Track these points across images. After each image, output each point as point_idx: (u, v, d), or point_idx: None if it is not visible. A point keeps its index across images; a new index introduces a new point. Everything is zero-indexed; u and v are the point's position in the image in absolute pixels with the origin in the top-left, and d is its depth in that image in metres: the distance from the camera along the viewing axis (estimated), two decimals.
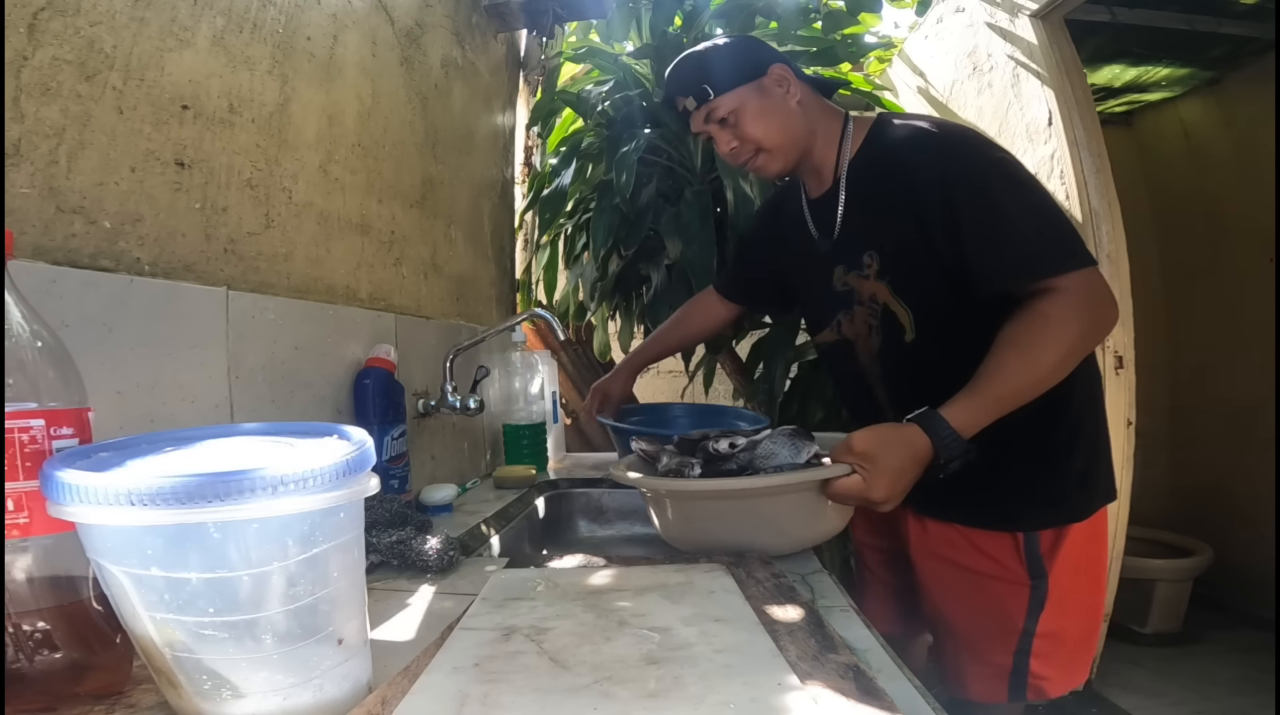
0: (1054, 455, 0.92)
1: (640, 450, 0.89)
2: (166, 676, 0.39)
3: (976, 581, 0.95)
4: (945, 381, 0.85)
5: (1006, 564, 0.93)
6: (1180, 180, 2.68)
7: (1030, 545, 0.92)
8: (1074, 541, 0.92)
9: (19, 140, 0.55)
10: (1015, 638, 0.92)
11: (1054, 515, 0.92)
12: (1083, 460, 0.94)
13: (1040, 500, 0.92)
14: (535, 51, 1.94)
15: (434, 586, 0.71)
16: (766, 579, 0.64)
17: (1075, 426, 0.93)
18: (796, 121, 0.95)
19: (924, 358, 0.93)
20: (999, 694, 0.94)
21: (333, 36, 0.98)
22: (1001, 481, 0.92)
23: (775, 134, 0.95)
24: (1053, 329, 0.80)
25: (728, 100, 0.94)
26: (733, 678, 0.43)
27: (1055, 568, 0.92)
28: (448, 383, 1.16)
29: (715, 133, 0.98)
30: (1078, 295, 0.81)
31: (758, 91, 0.94)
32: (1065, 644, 0.94)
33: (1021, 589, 0.92)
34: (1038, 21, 1.83)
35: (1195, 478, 2.68)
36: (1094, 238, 1.73)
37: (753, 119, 0.94)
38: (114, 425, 0.61)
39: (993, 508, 0.93)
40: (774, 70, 0.95)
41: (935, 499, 0.94)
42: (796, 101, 0.95)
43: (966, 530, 0.95)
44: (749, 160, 0.98)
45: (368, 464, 0.43)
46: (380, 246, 1.11)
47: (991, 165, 0.86)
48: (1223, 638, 2.28)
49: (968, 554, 0.95)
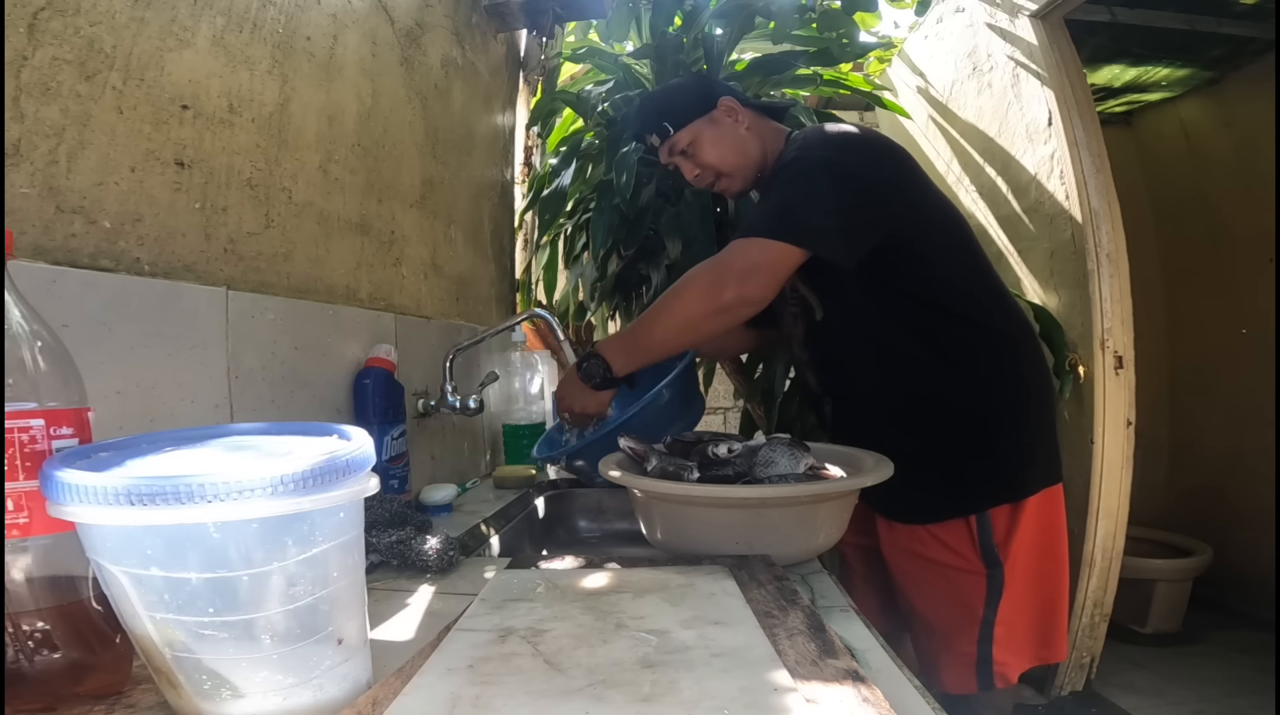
0: (994, 435, 1.00)
1: (628, 449, 0.88)
2: (166, 676, 0.39)
3: (940, 572, 1.01)
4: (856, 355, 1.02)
5: (963, 553, 0.99)
6: (1180, 180, 2.68)
7: (984, 533, 0.98)
8: (1027, 529, 0.98)
9: (19, 140, 0.55)
10: (977, 626, 0.98)
11: (998, 491, 0.99)
12: (1024, 440, 1.01)
13: (984, 476, 0.99)
14: (535, 51, 1.94)
15: (433, 586, 0.71)
16: (769, 581, 0.64)
17: (1015, 409, 1.01)
18: (748, 144, 1.07)
19: (834, 333, 1.04)
20: (969, 684, 0.99)
21: (333, 36, 0.98)
22: (950, 467, 0.99)
23: (730, 158, 1.07)
24: (685, 286, 0.93)
25: (684, 134, 1.07)
26: (729, 682, 0.43)
27: (1010, 556, 0.98)
28: (448, 383, 1.16)
29: (680, 163, 1.10)
30: (722, 259, 0.92)
31: (710, 123, 1.07)
32: (1023, 630, 1.00)
33: (979, 578, 0.98)
34: (1038, 21, 1.83)
35: (1195, 478, 2.68)
36: (1094, 238, 1.73)
37: (708, 147, 1.06)
38: (114, 425, 0.61)
39: (944, 495, 1.00)
40: (722, 103, 1.07)
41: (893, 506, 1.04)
42: (745, 127, 1.07)
43: (928, 525, 1.01)
44: (712, 183, 1.10)
45: (368, 464, 0.43)
46: (380, 246, 1.11)
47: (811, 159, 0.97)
48: (1223, 638, 2.28)
49: (930, 546, 1.01)
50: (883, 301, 0.99)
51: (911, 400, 1.00)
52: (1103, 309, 1.73)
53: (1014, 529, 0.98)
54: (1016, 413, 1.01)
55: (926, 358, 0.99)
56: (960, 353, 0.99)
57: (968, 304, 1.00)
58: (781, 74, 1.64)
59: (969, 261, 1.03)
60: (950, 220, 1.04)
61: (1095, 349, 1.74)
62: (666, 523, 0.80)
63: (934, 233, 1.01)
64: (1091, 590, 1.79)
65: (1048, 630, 1.02)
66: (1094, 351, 1.74)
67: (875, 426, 1.02)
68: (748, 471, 0.81)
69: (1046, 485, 1.01)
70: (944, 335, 0.99)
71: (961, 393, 0.99)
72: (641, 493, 0.80)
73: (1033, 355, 1.06)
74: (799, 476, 0.78)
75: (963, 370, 0.99)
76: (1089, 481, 1.75)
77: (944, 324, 0.99)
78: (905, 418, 1.01)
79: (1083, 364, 1.78)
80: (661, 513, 0.80)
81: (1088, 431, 1.75)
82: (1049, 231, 1.88)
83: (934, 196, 1.04)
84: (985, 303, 1.02)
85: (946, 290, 0.99)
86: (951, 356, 0.99)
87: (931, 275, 0.99)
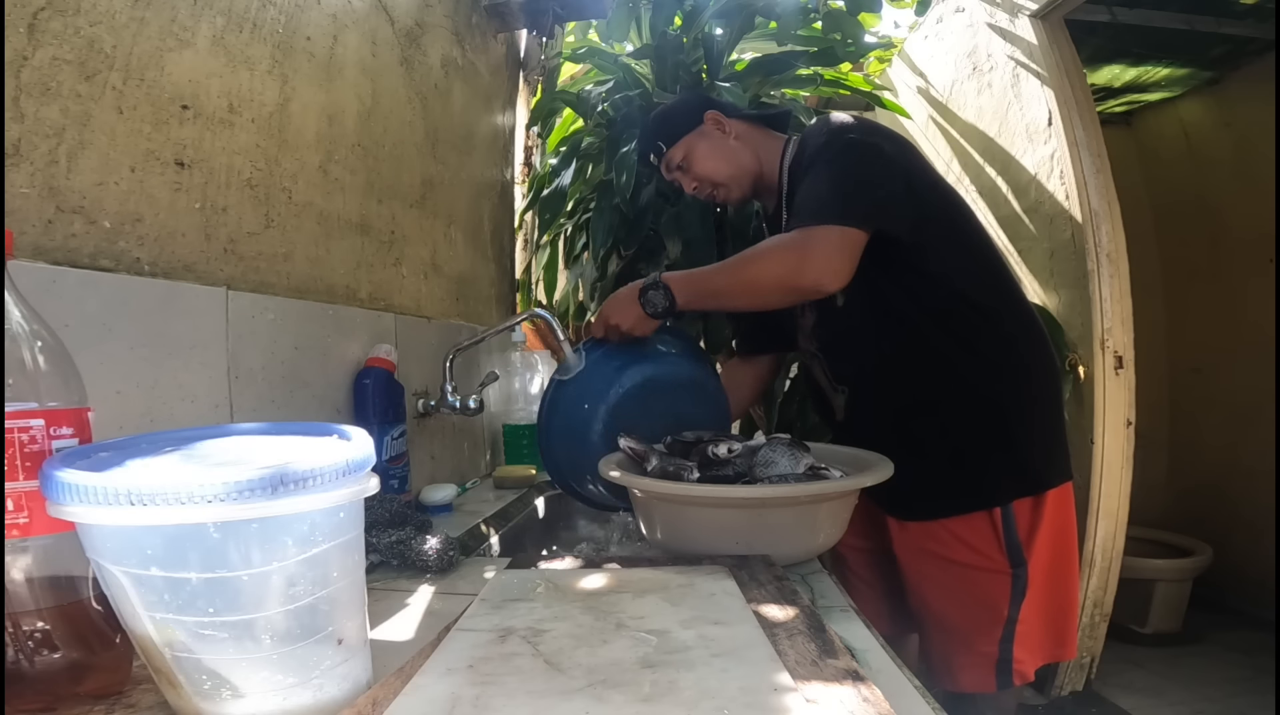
0: (1014, 425, 0.99)
1: (628, 448, 0.88)
2: (166, 676, 0.39)
3: (960, 573, 0.99)
4: (875, 342, 1.02)
5: (988, 553, 0.98)
6: (1180, 180, 2.68)
7: (1009, 531, 0.97)
8: (1048, 525, 0.98)
9: (19, 140, 0.55)
10: (1001, 626, 0.98)
11: (1022, 483, 0.98)
12: (1043, 430, 1.01)
13: (1005, 468, 0.99)
14: (535, 51, 1.94)
15: (434, 586, 0.71)
16: (769, 581, 0.64)
17: (1033, 398, 1.01)
18: (739, 154, 1.10)
19: (851, 320, 1.04)
20: (988, 683, 0.99)
21: (333, 36, 0.98)
22: (970, 457, 0.99)
23: (723, 169, 1.10)
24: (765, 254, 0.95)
25: (677, 150, 1.11)
26: (728, 682, 0.43)
27: (1034, 555, 0.97)
28: (448, 383, 1.16)
29: (679, 177, 1.14)
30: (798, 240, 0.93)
31: (700, 137, 1.10)
32: (1040, 628, 1.00)
33: (1004, 577, 0.97)
34: (1038, 21, 1.83)
35: (1195, 478, 2.68)
36: (1094, 238, 1.73)
37: (701, 161, 1.10)
38: (114, 425, 0.61)
39: (965, 488, 0.99)
40: (708, 117, 1.11)
41: (910, 503, 1.02)
42: (734, 138, 1.10)
43: (946, 521, 1.00)
44: (710, 194, 1.13)
45: (368, 464, 0.43)
46: (380, 246, 1.11)
47: (845, 141, 0.98)
48: (1223, 638, 2.28)
49: (950, 546, 1.00)
50: (906, 285, 0.99)
51: (931, 387, 1.00)
52: (1103, 309, 1.73)
53: (1037, 525, 0.97)
54: (1035, 402, 1.01)
55: (948, 344, 0.98)
56: (981, 342, 0.99)
57: (985, 291, 1.00)
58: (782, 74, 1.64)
59: (984, 249, 1.04)
60: (964, 210, 1.06)
61: (1095, 349, 1.74)
62: (666, 523, 0.79)
63: (953, 221, 1.02)
64: (1091, 590, 1.79)
65: (1062, 628, 1.02)
66: (1094, 351, 1.74)
67: (893, 415, 1.01)
68: (748, 471, 0.81)
69: (1063, 480, 1.01)
70: (964, 321, 0.98)
71: (982, 379, 0.99)
72: (641, 493, 0.80)
73: (1046, 346, 1.07)
74: (799, 476, 0.78)
75: (984, 359, 0.99)
76: (1089, 481, 1.75)
77: (963, 310, 0.98)
78: (925, 406, 1.00)
79: (1083, 364, 1.78)
80: (661, 513, 0.80)
81: (1088, 431, 1.75)
82: (1049, 231, 1.88)
83: (946, 186, 1.06)
84: (1001, 290, 1.02)
85: (966, 278, 0.99)
86: (972, 343, 0.98)
87: (952, 263, 0.99)
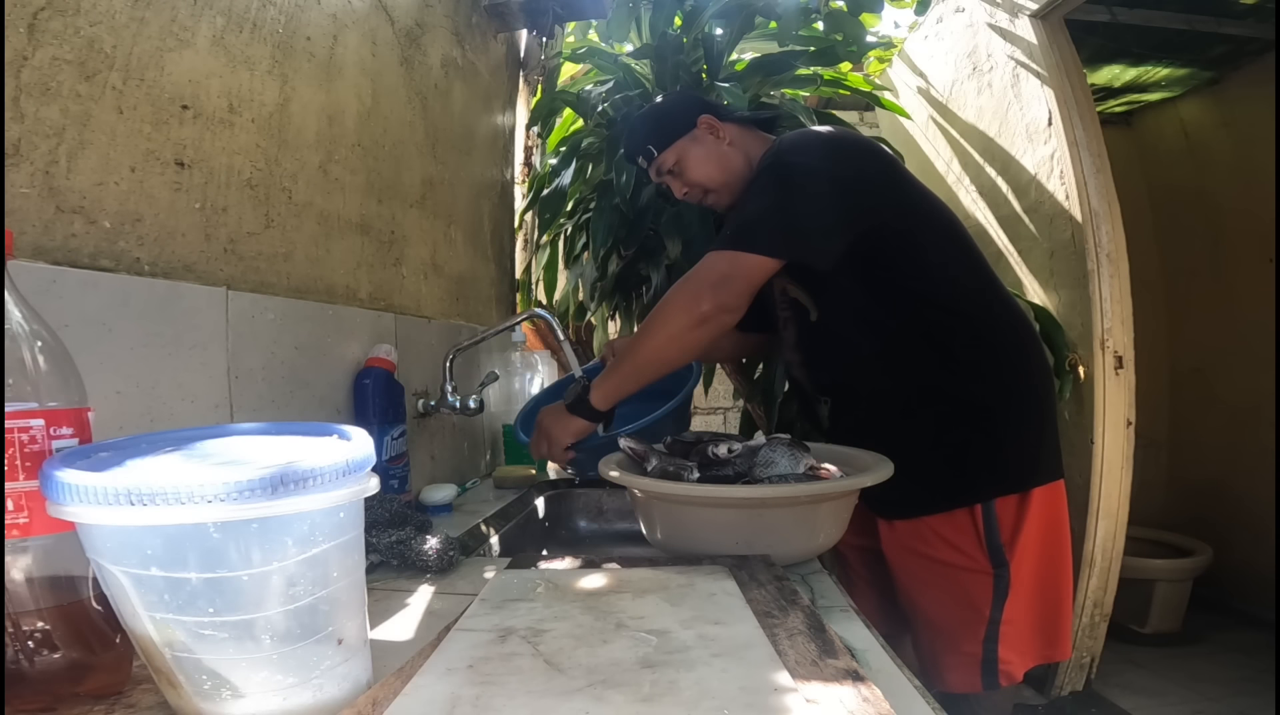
0: (997, 425, 1.00)
1: (628, 449, 0.88)
2: (166, 676, 0.39)
3: (943, 571, 1.00)
4: (853, 353, 1.03)
5: (970, 552, 0.98)
6: (1180, 180, 2.68)
7: (990, 530, 0.97)
8: (1032, 527, 0.98)
9: (19, 140, 0.55)
10: (983, 626, 0.98)
11: (1003, 480, 0.99)
12: (1026, 430, 1.01)
13: (986, 464, 0.99)
14: (535, 51, 1.94)
15: (434, 587, 0.71)
16: (769, 581, 0.64)
17: (1016, 400, 1.01)
18: (731, 159, 1.09)
19: (829, 332, 1.05)
20: (974, 683, 0.99)
21: (332, 36, 0.98)
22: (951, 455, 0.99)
23: (715, 174, 1.09)
24: (663, 308, 0.96)
25: (669, 155, 1.10)
26: (729, 682, 0.43)
27: (1016, 555, 0.98)
28: (448, 383, 1.16)
29: (669, 182, 1.13)
30: (698, 273, 0.94)
31: (692, 142, 1.09)
32: (1029, 629, 1.00)
33: (985, 578, 0.98)
34: (1038, 21, 1.83)
35: (1195, 478, 2.68)
36: (1094, 238, 1.73)
37: (693, 166, 1.09)
38: (114, 425, 0.61)
39: (946, 486, 1.00)
40: (701, 121, 1.09)
41: (894, 502, 1.02)
42: (728, 143, 1.09)
43: (930, 520, 1.01)
44: (701, 199, 1.12)
45: (368, 464, 0.43)
46: (380, 246, 1.11)
47: (788, 163, 0.98)
48: (1223, 638, 2.28)
49: (933, 544, 1.01)
50: (878, 297, 0.99)
51: (911, 394, 1.00)
52: (1103, 309, 1.73)
53: (1020, 526, 0.98)
54: (1017, 404, 1.01)
55: (924, 351, 0.99)
56: (957, 345, 0.99)
57: (962, 297, 1.00)
58: (781, 74, 1.64)
59: (961, 255, 1.04)
60: (940, 215, 1.05)
61: (1095, 349, 1.74)
62: (666, 523, 0.80)
63: (923, 227, 1.02)
64: (1091, 590, 1.79)
65: (1053, 629, 1.02)
66: (1094, 351, 1.74)
67: (875, 422, 1.02)
68: (748, 471, 0.81)
69: (1050, 480, 1.01)
70: (940, 328, 0.99)
71: (961, 385, 0.99)
72: (641, 493, 0.80)
73: (1031, 348, 1.07)
74: (799, 476, 0.78)
75: (961, 362, 0.99)
76: (1089, 481, 1.75)
77: (939, 317, 0.99)
78: (905, 412, 1.01)
79: (1083, 364, 1.78)
80: (661, 513, 0.80)
81: (1088, 431, 1.75)
82: (1049, 231, 1.88)
83: (919, 191, 1.05)
84: (981, 296, 1.02)
85: (940, 283, 0.99)
86: (949, 349, 0.99)
87: (925, 268, 0.99)
